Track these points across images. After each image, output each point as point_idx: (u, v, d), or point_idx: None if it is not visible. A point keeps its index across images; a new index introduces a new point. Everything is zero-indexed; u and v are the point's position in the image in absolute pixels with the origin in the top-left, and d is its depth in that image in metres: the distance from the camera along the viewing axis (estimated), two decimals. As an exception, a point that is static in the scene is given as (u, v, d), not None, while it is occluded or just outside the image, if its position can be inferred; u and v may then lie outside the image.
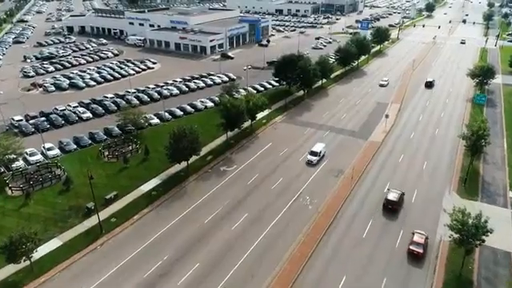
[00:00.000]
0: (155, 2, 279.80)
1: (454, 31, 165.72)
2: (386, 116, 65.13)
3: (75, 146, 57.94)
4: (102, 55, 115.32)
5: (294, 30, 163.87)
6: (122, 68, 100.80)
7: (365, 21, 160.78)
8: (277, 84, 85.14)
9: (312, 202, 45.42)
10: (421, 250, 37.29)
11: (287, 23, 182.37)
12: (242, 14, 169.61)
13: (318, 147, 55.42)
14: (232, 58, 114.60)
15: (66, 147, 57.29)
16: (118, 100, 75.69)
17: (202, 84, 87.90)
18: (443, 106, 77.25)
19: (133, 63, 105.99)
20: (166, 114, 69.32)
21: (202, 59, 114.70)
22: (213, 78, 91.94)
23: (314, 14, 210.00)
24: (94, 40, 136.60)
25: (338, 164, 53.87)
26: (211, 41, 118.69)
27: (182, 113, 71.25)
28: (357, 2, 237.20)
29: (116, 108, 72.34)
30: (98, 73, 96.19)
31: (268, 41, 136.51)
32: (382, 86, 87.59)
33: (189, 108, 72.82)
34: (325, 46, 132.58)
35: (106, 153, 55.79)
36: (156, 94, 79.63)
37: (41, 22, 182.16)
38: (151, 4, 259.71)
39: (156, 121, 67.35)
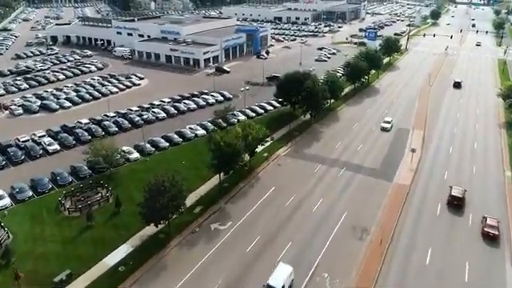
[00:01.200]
0: (149, 9, 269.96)
1: (466, 40, 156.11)
2: (412, 150, 54.04)
3: (31, 193, 46.42)
4: (84, 69, 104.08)
5: (295, 40, 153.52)
6: (103, 85, 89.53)
7: (370, 29, 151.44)
8: (278, 105, 74.27)
9: (333, 283, 34.10)
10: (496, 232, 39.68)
11: (287, 32, 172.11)
12: (238, 23, 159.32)
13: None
14: (228, 72, 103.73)
15: (19, 195, 45.69)
16: (94, 127, 64.32)
17: (193, 105, 76.66)
18: (474, 133, 66.30)
19: (117, 79, 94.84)
20: (148, 145, 58.04)
21: (194, 73, 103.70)
22: (205, 97, 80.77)
23: (314, 22, 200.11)
24: (77, 51, 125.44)
25: (360, 219, 42.52)
26: (205, 53, 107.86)
27: (167, 144, 59.87)
28: (358, 9, 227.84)
29: (90, 137, 61.07)
30: (76, 91, 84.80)
31: (267, 52, 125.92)
32: (384, 130, 66.10)
33: (176, 137, 61.44)
34: (329, 57, 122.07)
35: (68, 203, 44.37)
36: (139, 119, 68.49)
37: (25, 30, 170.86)
38: (144, 11, 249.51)
39: (135, 155, 55.94)
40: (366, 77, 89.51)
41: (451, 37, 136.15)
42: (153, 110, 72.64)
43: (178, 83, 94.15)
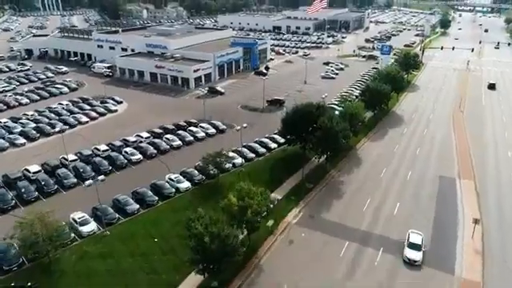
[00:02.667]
0: (141, 17, 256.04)
1: (484, 53, 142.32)
2: (475, 222, 38.92)
3: None
4: (54, 90, 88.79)
5: (297, 53, 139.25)
6: (72, 113, 74.36)
7: (383, 43, 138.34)
8: (283, 139, 59.26)
9: None
10: None
11: (287, 43, 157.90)
12: (235, 34, 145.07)
13: None
14: (222, 94, 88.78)
15: None
16: (44, 179, 48.70)
17: (177, 142, 61.54)
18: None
19: (90, 104, 79.63)
20: (110, 209, 42.68)
21: (183, 95, 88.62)
22: (193, 130, 65.65)
23: (316, 32, 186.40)
24: (52, 68, 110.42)
25: None
26: (195, 71, 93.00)
27: (136, 206, 44.47)
28: (362, 17, 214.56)
29: (35, 195, 45.81)
30: (36, 121, 69.64)
31: (267, 68, 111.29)
32: (412, 262, 35.60)
33: (150, 195, 45.83)
34: (337, 74, 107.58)
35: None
36: (106, 164, 53.30)
37: (2, 42, 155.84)
38: (134, 21, 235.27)
39: (91, 227, 40.51)
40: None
41: (472, 50, 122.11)
42: (125, 150, 57.49)
43: (162, 108, 79.12)
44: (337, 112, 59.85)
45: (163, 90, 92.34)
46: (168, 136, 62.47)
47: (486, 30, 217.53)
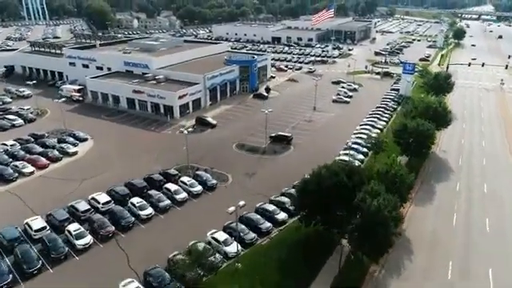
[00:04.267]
0: (132, 28, 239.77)
1: None
2: None
3: None
4: (5, 123, 71.15)
5: (300, 69, 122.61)
6: (14, 158, 56.70)
7: (393, 55, 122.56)
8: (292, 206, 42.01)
9: None
10: None
11: (288, 56, 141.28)
12: (230, 48, 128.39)
13: None
14: (213, 126, 71.55)
15: None
16: None
17: (147, 210, 43.70)
18: None
19: (44, 144, 61.74)
20: None
21: (165, 128, 71.06)
22: (172, 189, 47.68)
23: (319, 43, 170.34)
24: (12, 90, 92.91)
25: None
26: (181, 97, 75.76)
27: None
28: (369, 27, 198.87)
29: None
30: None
31: (267, 89, 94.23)
32: None
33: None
34: (350, 96, 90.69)
35: None
36: (33, 257, 35.73)
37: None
38: (122, 31, 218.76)
39: None
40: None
41: (506, 67, 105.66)
42: (68, 229, 39.78)
43: (137, 149, 61.68)
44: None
45: (142, 120, 74.86)
46: (135, 200, 44.69)
47: (500, 36, 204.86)
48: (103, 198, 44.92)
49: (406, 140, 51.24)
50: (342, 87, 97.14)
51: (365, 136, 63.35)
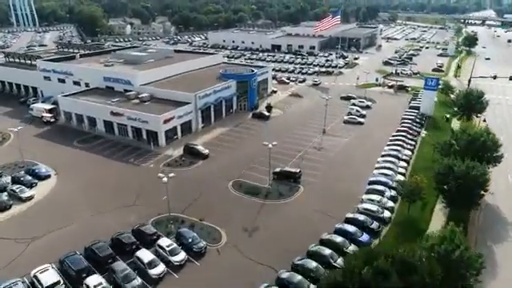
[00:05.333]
0: (124, 34, 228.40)
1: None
2: None
3: None
4: (-47, 153, 59.51)
5: (304, 81, 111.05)
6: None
7: (403, 64, 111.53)
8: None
9: None
10: None
11: (290, 67, 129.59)
12: (226, 59, 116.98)
13: None
14: (205, 157, 59.57)
15: None
16: None
17: (107, 296, 32.09)
18: None
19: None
20: None
21: (147, 160, 58.74)
22: (145, 259, 35.13)
23: (321, 51, 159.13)
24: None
25: None
26: (167, 121, 63.84)
27: None
28: (374, 34, 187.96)
29: None
30: None
31: (269, 107, 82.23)
32: None
33: None
34: (363, 116, 79.04)
35: None
36: None
37: None
38: (113, 38, 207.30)
39: None
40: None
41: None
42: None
43: (109, 191, 49.54)
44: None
45: (121, 149, 62.80)
46: (92, 282, 32.57)
47: (510, 41, 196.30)
48: (49, 277, 32.74)
49: (452, 186, 39.33)
50: (354, 104, 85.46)
51: (390, 172, 51.75)
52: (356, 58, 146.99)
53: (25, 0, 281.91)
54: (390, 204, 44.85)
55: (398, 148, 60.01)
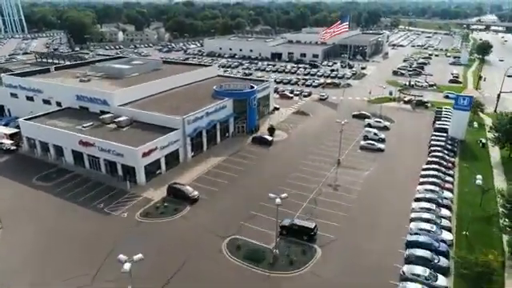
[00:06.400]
0: (116, 41, 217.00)
1: None
2: None
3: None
4: None
5: (310, 95, 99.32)
6: None
7: (414, 75, 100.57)
8: None
9: None
10: None
11: (293, 78, 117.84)
12: (222, 71, 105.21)
13: None
14: (194, 201, 47.39)
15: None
16: None
17: None
18: None
19: None
20: None
21: (121, 206, 46.33)
22: None
23: (326, 60, 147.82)
24: None
25: None
26: (146, 154, 51.71)
27: None
28: (380, 41, 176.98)
29: None
30: None
31: (271, 129, 70.34)
32: None
33: None
34: (383, 140, 67.21)
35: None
36: None
37: None
38: (102, 45, 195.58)
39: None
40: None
41: None
42: None
43: (65, 257, 37.24)
44: None
45: (91, 188, 50.41)
46: None
47: None
48: None
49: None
50: (369, 124, 73.84)
51: (432, 227, 39.74)
52: (363, 68, 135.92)
53: (13, 5, 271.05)
54: (442, 282, 32.74)
55: (435, 188, 48.07)
